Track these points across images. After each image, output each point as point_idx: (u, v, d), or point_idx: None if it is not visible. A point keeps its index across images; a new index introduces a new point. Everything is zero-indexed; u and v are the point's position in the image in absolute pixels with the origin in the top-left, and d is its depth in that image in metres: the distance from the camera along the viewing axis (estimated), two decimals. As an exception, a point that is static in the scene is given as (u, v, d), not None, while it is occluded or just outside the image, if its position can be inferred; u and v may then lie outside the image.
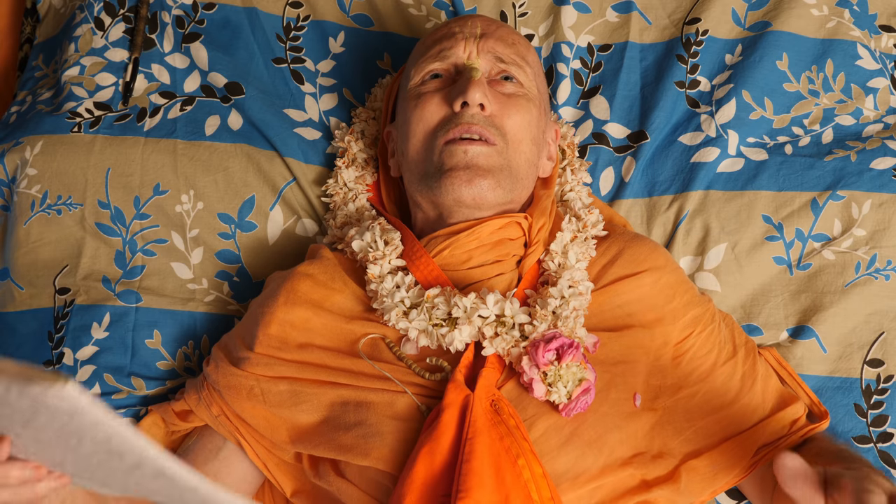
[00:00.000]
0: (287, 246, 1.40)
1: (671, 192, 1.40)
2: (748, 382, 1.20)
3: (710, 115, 1.43)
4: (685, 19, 1.50)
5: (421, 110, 1.22)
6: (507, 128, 1.20)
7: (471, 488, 0.96)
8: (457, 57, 1.24)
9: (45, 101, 1.49)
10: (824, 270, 1.32)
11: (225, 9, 1.51)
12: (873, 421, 1.26)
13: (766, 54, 1.44)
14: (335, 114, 1.46)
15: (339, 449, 1.07)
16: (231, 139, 1.42)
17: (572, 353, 1.06)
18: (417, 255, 1.19)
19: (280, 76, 1.49)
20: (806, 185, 1.37)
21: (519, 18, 1.52)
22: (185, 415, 1.20)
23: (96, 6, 1.50)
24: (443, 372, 1.10)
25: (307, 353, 1.14)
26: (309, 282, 1.19)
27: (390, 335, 1.14)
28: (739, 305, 1.34)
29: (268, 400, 1.13)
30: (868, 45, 1.47)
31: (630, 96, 1.47)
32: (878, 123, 1.44)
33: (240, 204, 1.40)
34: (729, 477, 1.15)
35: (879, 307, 1.30)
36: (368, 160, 1.39)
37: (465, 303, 1.11)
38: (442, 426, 1.02)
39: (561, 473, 1.03)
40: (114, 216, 1.39)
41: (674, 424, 1.15)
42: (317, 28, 1.52)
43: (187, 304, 1.36)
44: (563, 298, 1.13)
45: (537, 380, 1.06)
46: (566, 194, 1.36)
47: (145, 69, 1.48)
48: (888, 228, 1.33)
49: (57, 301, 1.36)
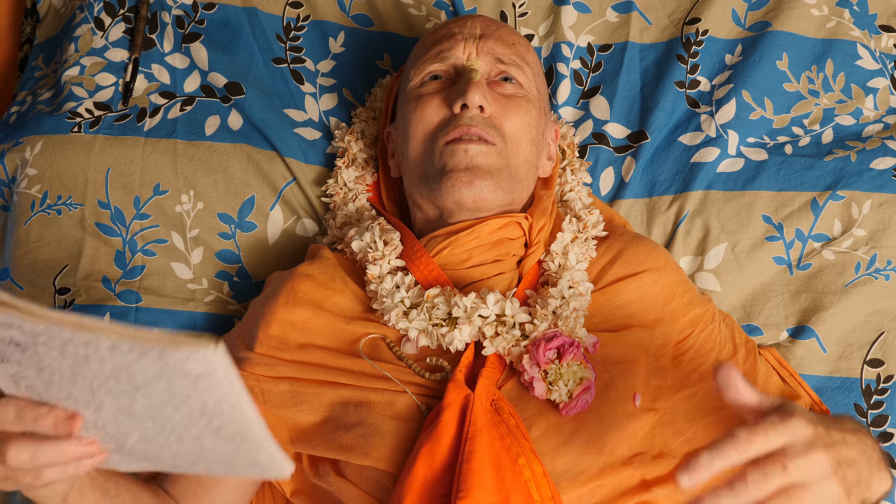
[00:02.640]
0: (287, 246, 1.40)
1: (671, 192, 1.40)
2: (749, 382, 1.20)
3: (710, 115, 1.43)
4: (685, 19, 1.50)
5: (420, 112, 1.22)
6: (507, 129, 1.20)
7: (471, 488, 0.96)
8: (456, 58, 1.24)
9: (45, 101, 1.49)
10: (824, 270, 1.32)
11: (225, 9, 1.51)
12: (873, 421, 1.26)
13: (766, 54, 1.44)
14: (335, 114, 1.46)
15: (340, 449, 1.07)
16: (231, 139, 1.42)
17: (573, 352, 1.06)
18: (417, 254, 1.19)
19: (280, 76, 1.49)
20: (806, 185, 1.37)
21: (519, 18, 1.52)
22: (185, 415, 1.20)
23: (96, 6, 1.50)
24: (443, 372, 1.10)
25: (307, 354, 1.14)
26: (309, 282, 1.19)
27: (390, 335, 1.14)
28: (739, 305, 1.34)
29: (268, 400, 1.13)
30: (868, 45, 1.48)
31: (630, 96, 1.47)
32: (878, 123, 1.44)
33: (240, 204, 1.40)
34: None
35: (879, 307, 1.30)
36: (368, 160, 1.39)
37: (465, 302, 1.11)
38: (442, 426, 1.02)
39: (561, 473, 1.03)
40: (114, 216, 1.39)
41: (675, 425, 1.15)
42: (317, 28, 1.52)
43: (187, 304, 1.36)
44: (563, 299, 1.13)
45: (538, 378, 1.06)
46: (566, 194, 1.36)
47: (145, 69, 1.48)
48: (888, 228, 1.33)
49: (57, 301, 1.36)
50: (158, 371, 0.72)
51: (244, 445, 0.80)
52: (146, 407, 0.76)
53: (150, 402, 0.76)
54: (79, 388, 0.76)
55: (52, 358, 0.74)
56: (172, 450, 0.82)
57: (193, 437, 0.79)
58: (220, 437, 0.79)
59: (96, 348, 0.71)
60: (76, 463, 0.83)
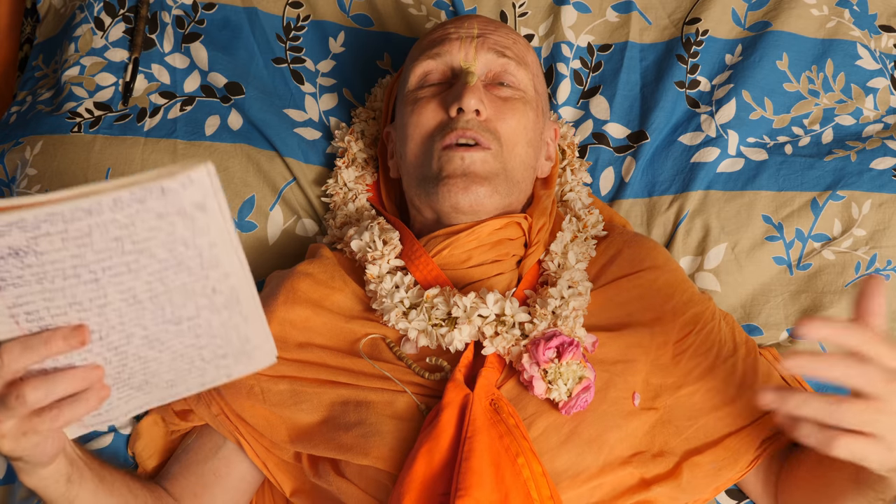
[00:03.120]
0: (287, 246, 1.40)
1: (671, 192, 1.40)
2: (749, 379, 1.20)
3: (710, 115, 1.43)
4: (685, 19, 1.50)
5: (417, 115, 1.22)
6: (502, 131, 1.20)
7: (470, 487, 0.96)
8: (453, 59, 1.23)
9: (45, 101, 1.49)
10: (824, 270, 1.32)
11: (225, 9, 1.51)
12: (873, 421, 1.26)
13: (766, 54, 1.44)
14: (335, 114, 1.46)
15: (339, 448, 1.07)
16: (231, 139, 1.42)
17: (572, 351, 1.06)
18: (417, 254, 1.19)
19: (280, 76, 1.49)
20: (806, 185, 1.37)
21: (519, 18, 1.52)
22: (184, 414, 1.20)
23: (96, 6, 1.51)
24: (442, 371, 1.10)
25: (307, 353, 1.14)
26: (309, 281, 1.19)
27: (390, 335, 1.14)
28: (739, 305, 1.34)
29: (268, 399, 1.13)
30: (868, 45, 1.48)
31: (630, 96, 1.47)
32: (878, 123, 1.44)
33: (240, 204, 1.40)
34: (733, 472, 1.15)
35: (879, 307, 1.30)
36: (368, 160, 1.39)
37: (464, 302, 1.11)
38: (441, 425, 1.02)
39: (560, 472, 1.03)
40: (114, 216, 1.39)
41: (675, 423, 1.15)
42: (317, 28, 1.52)
43: (187, 303, 1.36)
44: (562, 299, 1.13)
45: (537, 377, 1.06)
46: (566, 194, 1.36)
47: (145, 69, 1.48)
48: (888, 228, 1.33)
49: (57, 301, 1.36)
50: (158, 218, 0.74)
51: (237, 313, 0.82)
52: (148, 281, 0.78)
53: (152, 270, 0.77)
54: (83, 283, 0.77)
55: (54, 253, 0.75)
56: (171, 350, 0.84)
57: (191, 316, 0.81)
58: (216, 307, 0.81)
59: (99, 213, 0.73)
60: (86, 398, 0.84)
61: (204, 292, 0.81)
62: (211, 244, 0.78)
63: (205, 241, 0.77)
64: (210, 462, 1.16)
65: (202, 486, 1.16)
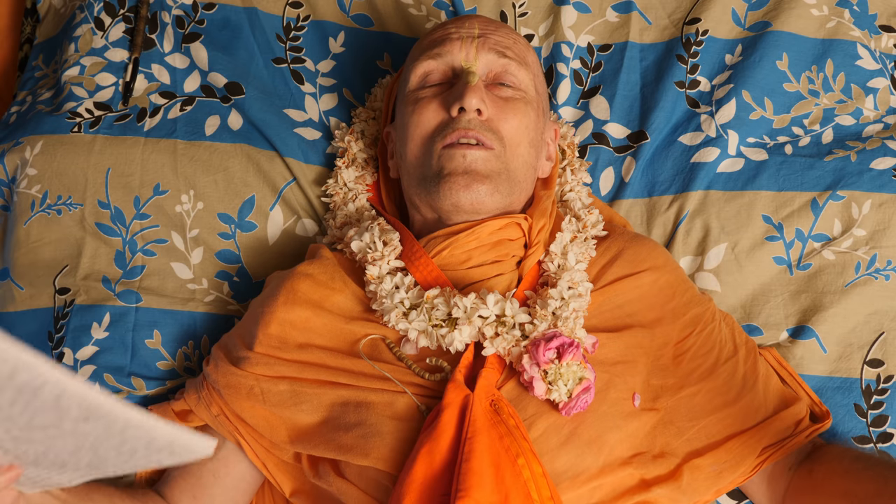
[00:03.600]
0: (287, 246, 1.40)
1: (671, 192, 1.40)
2: (750, 381, 1.20)
3: (710, 115, 1.43)
4: (685, 19, 1.50)
5: (418, 115, 1.21)
6: (504, 131, 1.20)
7: (470, 487, 0.96)
8: (454, 59, 1.23)
9: (45, 101, 1.49)
10: (824, 270, 1.32)
11: (225, 9, 1.51)
12: (873, 421, 1.26)
13: (766, 54, 1.44)
14: (335, 114, 1.46)
15: (339, 449, 1.07)
16: (231, 139, 1.42)
17: (572, 352, 1.06)
18: (417, 255, 1.19)
19: (280, 76, 1.49)
20: (806, 185, 1.37)
21: (519, 18, 1.52)
22: (184, 414, 1.20)
23: (96, 6, 1.51)
24: (442, 372, 1.10)
25: (307, 353, 1.14)
26: (309, 281, 1.19)
27: (390, 335, 1.14)
28: (739, 305, 1.34)
29: (267, 400, 1.13)
30: (868, 45, 1.47)
31: (630, 96, 1.47)
32: (878, 123, 1.44)
33: (240, 204, 1.40)
34: (734, 476, 1.15)
35: (879, 307, 1.30)
36: (368, 160, 1.39)
37: (465, 303, 1.11)
38: (441, 426, 1.02)
39: (560, 473, 1.03)
40: (114, 216, 1.39)
41: (676, 424, 1.15)
42: (317, 28, 1.52)
43: (187, 304, 1.36)
44: (562, 300, 1.13)
45: (538, 378, 1.06)
46: (566, 194, 1.36)
47: (145, 69, 1.48)
48: (888, 228, 1.33)
49: (57, 301, 1.36)
50: None
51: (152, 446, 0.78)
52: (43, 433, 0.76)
53: None
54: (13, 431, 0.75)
55: (8, 408, 0.73)
56: (79, 446, 0.80)
57: (70, 440, 0.78)
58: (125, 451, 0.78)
59: None
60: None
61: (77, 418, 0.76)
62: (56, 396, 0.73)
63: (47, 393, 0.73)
64: (210, 463, 1.17)
65: (201, 487, 1.16)
